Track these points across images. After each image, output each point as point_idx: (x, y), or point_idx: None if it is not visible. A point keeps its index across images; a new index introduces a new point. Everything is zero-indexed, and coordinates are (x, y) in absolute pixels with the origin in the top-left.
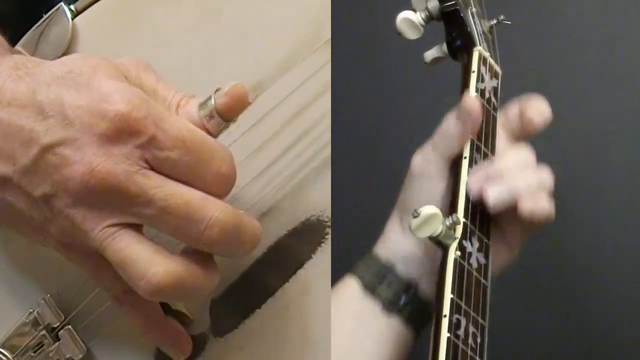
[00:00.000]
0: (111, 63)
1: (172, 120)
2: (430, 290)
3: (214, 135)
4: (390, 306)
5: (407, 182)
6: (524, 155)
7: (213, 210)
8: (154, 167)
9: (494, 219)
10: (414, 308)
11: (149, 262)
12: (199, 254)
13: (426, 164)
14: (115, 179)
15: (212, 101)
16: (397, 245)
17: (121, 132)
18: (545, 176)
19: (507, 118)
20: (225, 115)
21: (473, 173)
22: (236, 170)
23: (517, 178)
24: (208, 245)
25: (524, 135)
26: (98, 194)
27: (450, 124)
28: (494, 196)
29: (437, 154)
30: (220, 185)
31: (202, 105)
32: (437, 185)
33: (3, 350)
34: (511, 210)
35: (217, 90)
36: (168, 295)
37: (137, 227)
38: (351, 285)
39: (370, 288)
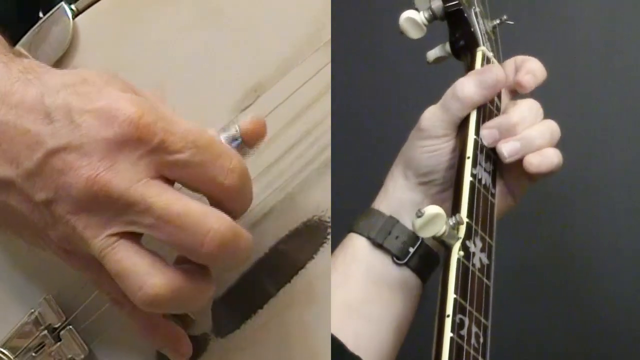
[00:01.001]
0: (127, 82)
1: (181, 123)
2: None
3: None
4: (399, 258)
5: (413, 136)
6: (534, 108)
7: (213, 221)
8: (164, 172)
9: (499, 170)
10: (421, 257)
11: (147, 273)
12: (196, 265)
13: (434, 122)
14: (118, 187)
15: (236, 127)
16: (403, 197)
17: (129, 138)
18: (554, 127)
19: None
20: (249, 140)
21: (486, 126)
22: (247, 169)
23: (530, 131)
24: (206, 258)
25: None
26: (100, 201)
27: (465, 87)
28: (509, 150)
29: (446, 115)
30: (233, 185)
31: (223, 130)
32: (442, 145)
33: (4, 351)
34: (517, 163)
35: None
36: (165, 307)
37: (136, 237)
38: (358, 242)
39: (379, 242)
